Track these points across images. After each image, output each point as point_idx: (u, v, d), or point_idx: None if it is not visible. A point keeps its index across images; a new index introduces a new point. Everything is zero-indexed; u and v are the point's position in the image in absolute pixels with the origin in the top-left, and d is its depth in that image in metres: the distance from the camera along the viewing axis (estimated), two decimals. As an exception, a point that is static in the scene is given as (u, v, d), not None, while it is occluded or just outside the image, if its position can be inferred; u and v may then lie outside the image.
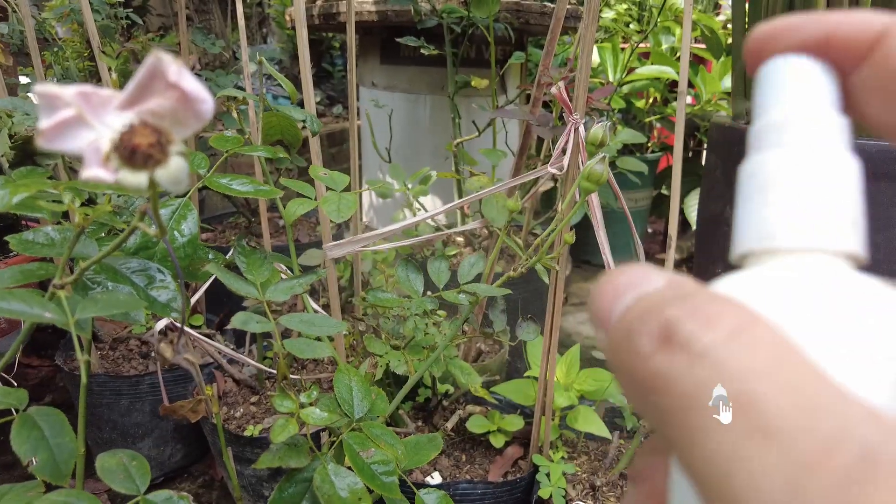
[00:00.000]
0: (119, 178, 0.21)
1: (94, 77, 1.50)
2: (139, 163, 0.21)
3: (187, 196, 0.47)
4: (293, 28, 1.79)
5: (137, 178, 0.21)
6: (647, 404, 0.12)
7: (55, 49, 1.48)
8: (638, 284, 0.14)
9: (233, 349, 0.97)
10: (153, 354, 1.03)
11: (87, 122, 0.21)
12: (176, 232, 0.46)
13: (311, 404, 0.43)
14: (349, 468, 0.47)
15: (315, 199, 0.56)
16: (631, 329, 0.13)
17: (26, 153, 0.83)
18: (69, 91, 0.21)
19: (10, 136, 0.74)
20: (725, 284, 0.14)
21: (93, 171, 0.21)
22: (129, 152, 0.21)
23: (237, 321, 0.43)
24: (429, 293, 0.67)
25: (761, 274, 0.14)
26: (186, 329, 0.71)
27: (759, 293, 0.14)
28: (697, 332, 0.12)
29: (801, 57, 0.16)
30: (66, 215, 0.56)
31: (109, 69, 0.67)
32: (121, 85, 0.77)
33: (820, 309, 0.13)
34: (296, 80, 0.58)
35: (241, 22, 0.95)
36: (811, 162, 0.15)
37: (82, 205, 0.37)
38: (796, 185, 0.15)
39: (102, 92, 0.21)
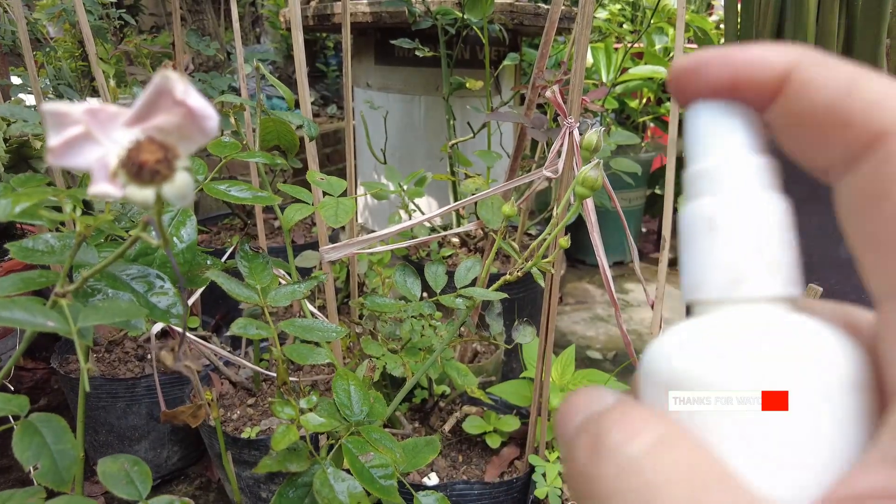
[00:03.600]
0: (126, 193, 0.21)
1: (86, 77, 1.50)
2: (146, 178, 0.21)
3: (186, 202, 0.48)
4: (287, 28, 1.79)
5: (144, 194, 0.22)
6: None
7: (47, 49, 1.48)
8: (589, 405, 0.15)
9: (229, 351, 0.98)
10: (149, 357, 1.03)
11: (94, 139, 0.21)
12: (175, 238, 0.46)
13: (310, 410, 0.43)
14: (347, 471, 0.47)
15: (312, 204, 0.56)
16: (572, 441, 0.14)
17: (21, 156, 0.83)
18: (77, 108, 0.21)
19: (6, 140, 0.74)
20: (664, 346, 0.15)
21: (100, 187, 0.21)
22: (137, 168, 0.21)
23: (237, 327, 0.43)
24: (424, 294, 0.68)
25: (699, 331, 0.15)
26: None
27: (692, 357, 0.14)
28: (623, 443, 0.13)
29: (721, 103, 0.16)
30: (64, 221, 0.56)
31: (107, 77, 0.67)
32: (116, 88, 0.77)
33: (745, 389, 0.13)
34: (290, 81, 0.58)
35: (236, 24, 0.96)
36: (741, 209, 0.15)
37: (81, 213, 0.37)
38: (729, 234, 0.15)
39: (110, 108, 0.22)
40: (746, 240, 0.15)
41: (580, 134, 0.69)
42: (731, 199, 0.15)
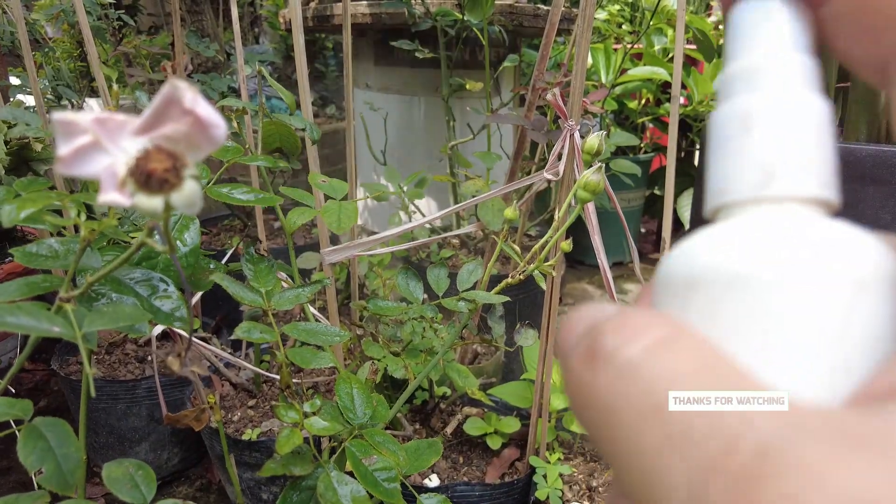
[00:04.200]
0: (135, 201, 0.22)
1: (85, 77, 1.50)
2: (155, 187, 0.22)
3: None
4: (286, 29, 1.79)
5: (153, 203, 0.22)
6: (583, 421, 0.13)
7: (46, 50, 1.47)
8: (589, 317, 0.14)
9: (229, 353, 0.98)
10: (149, 358, 1.03)
11: (103, 148, 0.22)
12: (178, 242, 0.46)
13: (313, 413, 0.44)
14: (350, 473, 0.47)
15: (315, 207, 0.56)
16: (568, 354, 0.13)
17: (22, 158, 0.83)
18: (86, 118, 0.21)
19: (6, 143, 0.74)
20: (686, 247, 0.14)
21: (109, 196, 0.21)
22: (145, 177, 0.21)
23: (241, 331, 0.43)
24: (425, 297, 0.68)
25: (724, 230, 0.14)
26: (185, 335, 0.71)
27: (719, 253, 0.13)
28: (620, 347, 0.12)
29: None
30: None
31: (109, 80, 0.67)
32: (118, 91, 0.77)
33: (775, 280, 0.12)
34: (289, 81, 0.58)
35: (236, 25, 0.96)
36: (779, 107, 0.14)
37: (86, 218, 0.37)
38: (764, 132, 0.14)
39: (118, 117, 0.22)
40: (782, 138, 0.14)
41: (580, 136, 0.69)
42: (769, 96, 0.14)
